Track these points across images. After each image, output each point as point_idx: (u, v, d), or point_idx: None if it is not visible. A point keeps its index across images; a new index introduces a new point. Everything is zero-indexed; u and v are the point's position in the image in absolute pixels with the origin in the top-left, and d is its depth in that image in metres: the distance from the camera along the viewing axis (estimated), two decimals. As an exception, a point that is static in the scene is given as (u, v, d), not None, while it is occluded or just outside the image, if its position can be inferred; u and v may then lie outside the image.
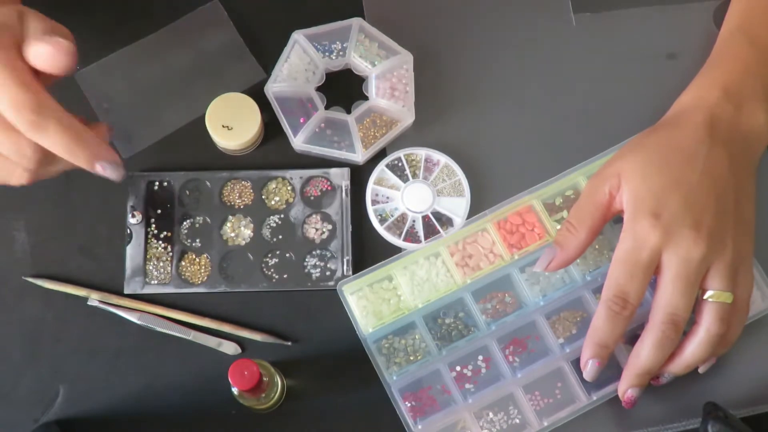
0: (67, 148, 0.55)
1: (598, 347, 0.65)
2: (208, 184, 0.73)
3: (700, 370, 0.68)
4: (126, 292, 0.71)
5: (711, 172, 0.65)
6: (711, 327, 0.64)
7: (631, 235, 0.64)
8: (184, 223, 0.73)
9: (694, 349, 0.65)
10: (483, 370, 0.70)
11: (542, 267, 0.68)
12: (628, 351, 0.68)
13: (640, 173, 0.65)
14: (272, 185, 0.74)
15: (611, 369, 0.69)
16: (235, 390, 0.63)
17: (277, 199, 0.73)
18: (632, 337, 0.68)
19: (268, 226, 0.73)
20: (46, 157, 0.56)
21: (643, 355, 0.65)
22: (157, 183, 0.73)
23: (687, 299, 0.63)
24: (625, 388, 0.66)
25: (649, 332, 0.64)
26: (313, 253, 0.72)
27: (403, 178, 0.74)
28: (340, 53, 0.75)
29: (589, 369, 0.66)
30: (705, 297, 0.64)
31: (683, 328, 0.64)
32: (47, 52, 0.54)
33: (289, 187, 0.74)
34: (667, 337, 0.64)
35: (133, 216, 0.72)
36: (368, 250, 0.73)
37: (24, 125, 0.54)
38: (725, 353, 0.68)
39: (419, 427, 0.68)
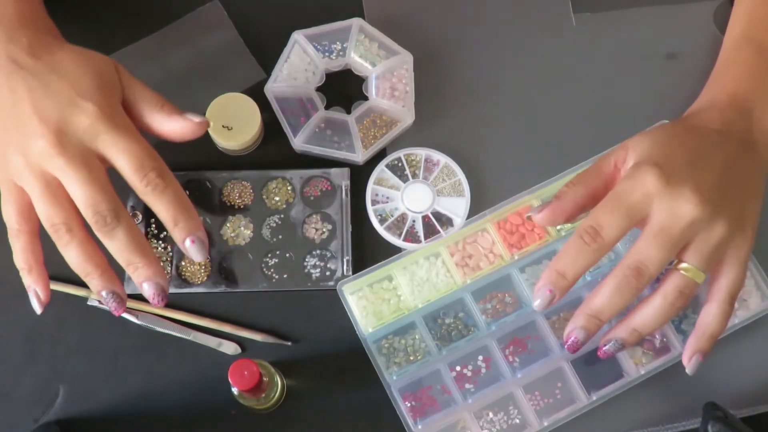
0: (175, 212, 0.59)
1: (556, 274, 0.61)
2: (208, 184, 0.73)
3: (688, 370, 0.64)
4: (126, 292, 0.71)
5: (721, 154, 0.64)
6: (668, 294, 0.61)
7: (630, 175, 0.61)
8: (184, 223, 0.73)
9: (643, 311, 0.62)
10: (483, 370, 0.70)
11: (535, 213, 0.64)
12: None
13: (648, 141, 0.63)
14: (272, 185, 0.74)
15: (611, 370, 0.69)
16: (235, 390, 0.63)
17: (277, 199, 0.73)
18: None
19: (268, 226, 0.73)
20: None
21: (599, 296, 0.61)
22: (157, 183, 0.73)
23: (662, 255, 0.60)
24: (573, 327, 0.62)
25: (612, 274, 0.61)
26: (313, 253, 0.72)
27: (403, 178, 0.74)
28: (340, 53, 0.75)
29: (542, 296, 0.62)
30: (678, 267, 0.61)
31: (647, 282, 0.60)
32: (187, 127, 0.63)
33: (289, 187, 0.74)
34: (627, 283, 0.60)
35: (134, 216, 0.72)
36: (368, 250, 0.73)
37: (147, 179, 0.58)
38: (710, 349, 0.64)
39: (419, 427, 0.68)
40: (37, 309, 0.61)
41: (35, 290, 0.61)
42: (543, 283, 0.62)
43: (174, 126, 0.63)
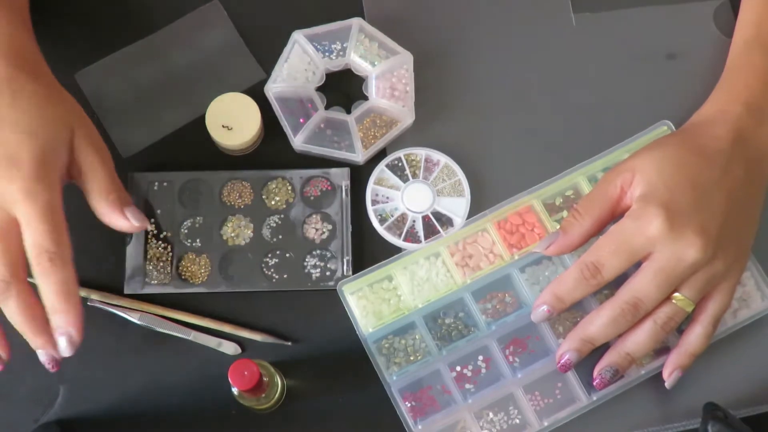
0: (54, 301, 0.59)
1: (555, 298, 0.66)
2: (208, 183, 0.73)
3: (667, 384, 0.68)
4: (126, 292, 0.71)
5: (726, 184, 0.65)
6: (658, 320, 0.64)
7: (635, 216, 0.64)
8: (184, 223, 0.73)
9: (635, 337, 0.65)
10: (483, 370, 0.70)
11: (542, 248, 0.68)
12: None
13: (656, 167, 0.65)
14: (272, 185, 0.74)
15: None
16: (235, 390, 0.63)
17: (277, 199, 0.73)
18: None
19: (268, 226, 0.73)
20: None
21: (594, 324, 0.65)
22: (157, 183, 0.73)
23: (659, 294, 0.63)
24: (566, 349, 0.66)
25: (609, 306, 0.64)
26: (313, 253, 0.72)
27: (403, 178, 0.74)
28: (340, 53, 0.75)
29: (539, 313, 0.67)
30: (671, 296, 0.64)
31: (641, 316, 0.64)
32: (123, 226, 0.64)
33: (289, 187, 0.74)
34: (623, 317, 0.64)
35: (133, 216, 0.72)
36: (368, 250, 0.73)
37: (38, 260, 0.58)
38: (689, 365, 0.67)
39: (419, 427, 0.68)
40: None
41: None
42: (541, 303, 0.67)
43: (112, 221, 0.64)
